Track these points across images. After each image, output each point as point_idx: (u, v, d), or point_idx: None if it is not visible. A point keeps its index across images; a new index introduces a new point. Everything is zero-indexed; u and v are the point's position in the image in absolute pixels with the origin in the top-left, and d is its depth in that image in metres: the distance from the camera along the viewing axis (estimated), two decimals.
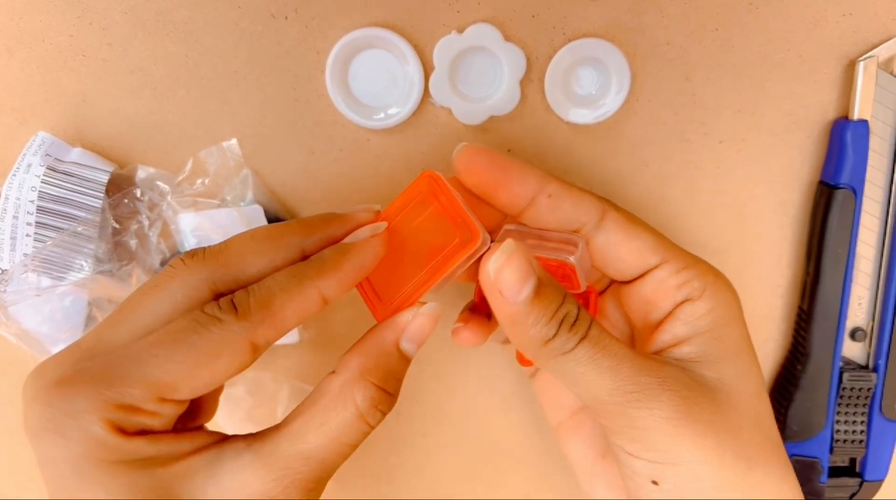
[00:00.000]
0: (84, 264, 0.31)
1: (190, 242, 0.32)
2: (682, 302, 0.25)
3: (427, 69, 0.30)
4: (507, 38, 0.29)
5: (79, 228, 0.30)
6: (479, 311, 0.28)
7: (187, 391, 0.21)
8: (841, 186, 0.30)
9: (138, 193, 0.31)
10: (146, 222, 0.32)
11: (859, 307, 0.32)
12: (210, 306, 0.21)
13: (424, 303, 0.25)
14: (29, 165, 0.30)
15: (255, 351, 0.22)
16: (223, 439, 0.23)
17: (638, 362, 0.23)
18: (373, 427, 0.24)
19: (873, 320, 0.32)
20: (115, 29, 0.30)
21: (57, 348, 0.32)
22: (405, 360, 0.24)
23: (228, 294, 0.22)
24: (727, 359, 0.25)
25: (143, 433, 0.21)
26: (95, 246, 0.31)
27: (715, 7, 0.29)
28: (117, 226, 0.31)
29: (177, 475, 0.21)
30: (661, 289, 0.26)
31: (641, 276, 0.26)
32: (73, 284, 0.31)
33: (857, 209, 0.30)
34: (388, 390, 0.24)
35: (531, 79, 0.30)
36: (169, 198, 0.32)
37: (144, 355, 0.21)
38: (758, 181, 0.32)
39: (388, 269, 0.25)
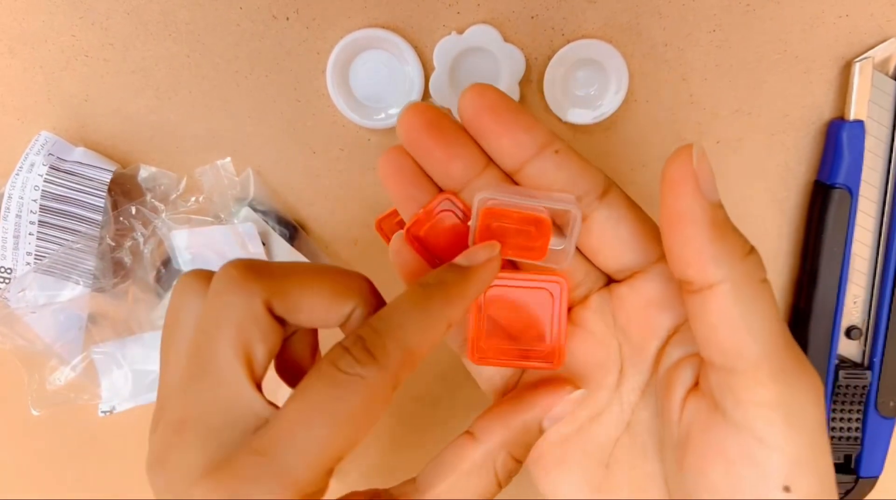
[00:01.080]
0: (80, 280, 0.31)
1: (184, 259, 0.32)
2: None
3: (427, 70, 0.30)
4: (507, 39, 0.30)
5: (76, 245, 0.30)
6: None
7: (345, 456, 0.21)
8: (837, 185, 0.31)
9: (133, 210, 0.32)
10: (141, 239, 0.32)
11: (855, 306, 0.32)
12: (345, 362, 0.19)
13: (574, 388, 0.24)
14: (32, 165, 0.30)
15: (395, 391, 0.21)
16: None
17: None
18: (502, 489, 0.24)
19: (869, 318, 0.32)
20: (117, 29, 0.30)
21: (52, 363, 0.32)
22: (541, 433, 0.24)
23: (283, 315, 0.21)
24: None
25: None
26: (93, 262, 0.31)
27: (712, 9, 0.29)
28: (112, 243, 0.32)
29: None
30: (670, 286, 0.22)
31: (641, 271, 0.23)
32: (69, 300, 0.31)
33: (852, 209, 0.31)
34: (522, 460, 0.24)
35: (530, 79, 0.31)
36: (163, 215, 0.32)
37: (307, 437, 0.19)
38: (754, 181, 0.32)
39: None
